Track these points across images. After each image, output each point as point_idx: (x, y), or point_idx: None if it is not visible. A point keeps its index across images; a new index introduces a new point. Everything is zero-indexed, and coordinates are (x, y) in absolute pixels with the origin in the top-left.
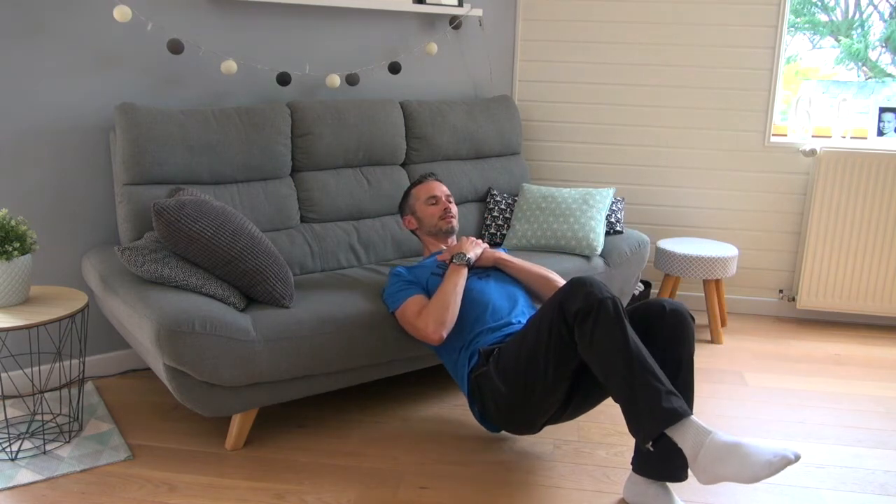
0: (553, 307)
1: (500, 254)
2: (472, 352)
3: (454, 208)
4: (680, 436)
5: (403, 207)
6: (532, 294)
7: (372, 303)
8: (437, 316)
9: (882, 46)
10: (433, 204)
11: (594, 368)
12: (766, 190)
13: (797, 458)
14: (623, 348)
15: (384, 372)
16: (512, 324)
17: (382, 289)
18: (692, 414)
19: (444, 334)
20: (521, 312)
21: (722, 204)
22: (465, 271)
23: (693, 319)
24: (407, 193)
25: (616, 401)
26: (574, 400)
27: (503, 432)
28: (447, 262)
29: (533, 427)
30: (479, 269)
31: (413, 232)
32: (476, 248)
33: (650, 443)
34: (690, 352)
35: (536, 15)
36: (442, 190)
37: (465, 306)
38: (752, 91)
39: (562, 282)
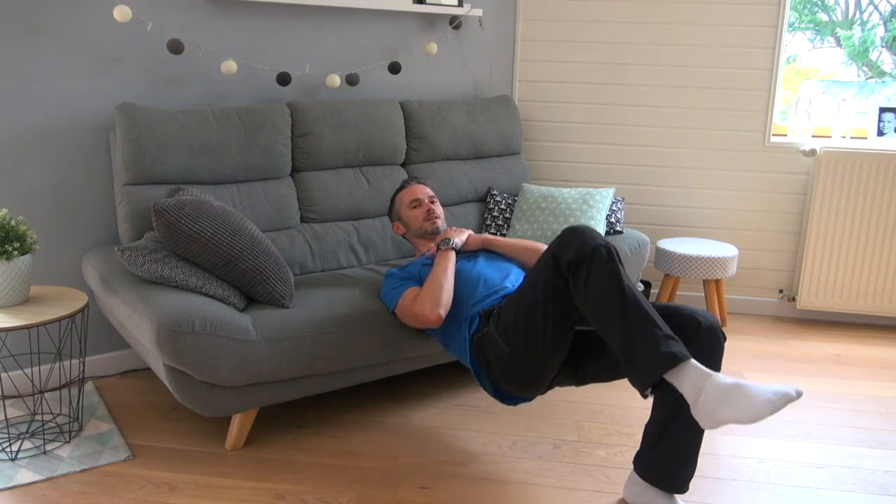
0: (547, 259)
1: (486, 235)
2: (472, 316)
3: (438, 209)
4: (679, 380)
5: (391, 214)
6: (524, 267)
7: (372, 303)
8: (431, 296)
9: (883, 47)
10: (416, 207)
11: (591, 318)
12: (766, 190)
13: (798, 394)
14: (619, 295)
15: (384, 372)
16: (507, 287)
17: (380, 292)
18: (691, 357)
19: (442, 313)
20: (515, 279)
21: (722, 204)
22: (452, 254)
23: (724, 337)
24: (392, 200)
25: (614, 349)
26: (580, 360)
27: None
28: (435, 250)
29: (540, 386)
30: (467, 253)
31: (404, 237)
32: (461, 235)
33: (649, 389)
34: (717, 370)
35: (536, 15)
36: (424, 192)
37: (459, 286)
38: (752, 91)
39: None
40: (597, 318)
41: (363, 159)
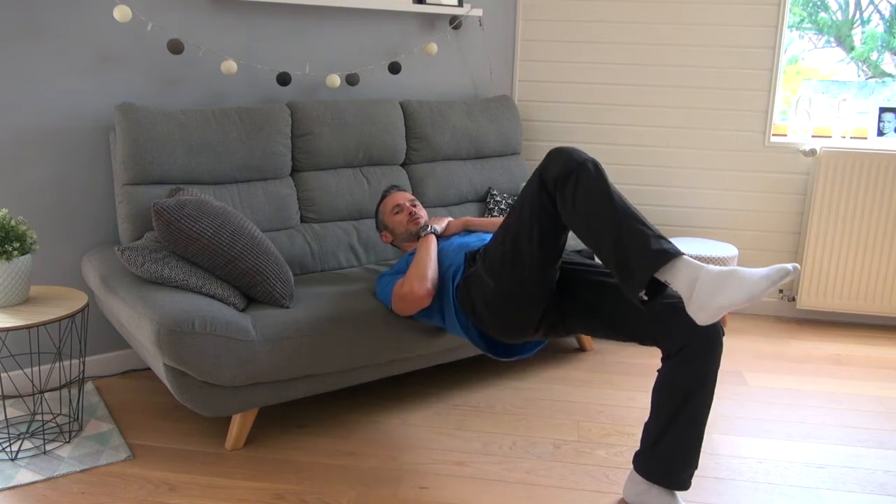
0: (532, 180)
1: (466, 218)
2: (456, 268)
3: (421, 210)
4: (672, 276)
5: (377, 225)
6: None
7: (372, 303)
8: (417, 273)
9: (883, 46)
10: (398, 212)
11: (579, 230)
12: (766, 190)
13: (795, 269)
14: (607, 202)
15: (384, 372)
16: (485, 240)
17: (375, 295)
18: (683, 254)
19: (430, 287)
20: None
21: (722, 204)
22: (432, 238)
23: (722, 332)
24: (376, 212)
25: (605, 262)
26: (569, 300)
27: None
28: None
29: (526, 326)
30: (448, 236)
31: (393, 245)
32: (441, 222)
33: (643, 292)
34: (715, 368)
35: (536, 15)
36: (405, 197)
37: (442, 261)
38: (752, 91)
39: None
40: (586, 229)
41: (363, 159)
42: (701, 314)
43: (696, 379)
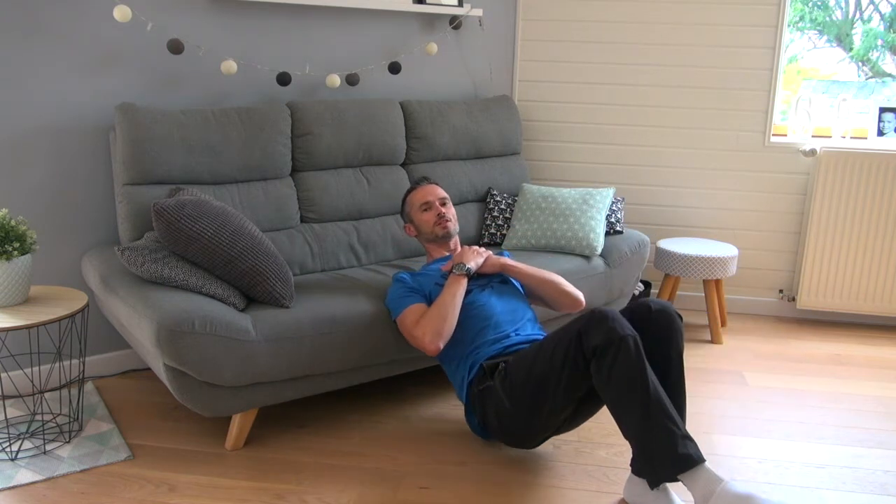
0: (571, 336)
1: (505, 259)
2: (473, 363)
3: (451, 211)
4: (691, 482)
5: (403, 215)
6: (538, 299)
7: (372, 303)
8: (434, 327)
9: (887, 48)
10: (426, 210)
11: (608, 403)
12: (766, 190)
13: None
14: (642, 390)
15: (384, 372)
16: (511, 336)
17: (386, 293)
18: (705, 460)
19: (441, 345)
20: (524, 327)
21: (722, 204)
22: (464, 281)
23: (681, 318)
24: (403, 201)
25: (627, 437)
26: (577, 419)
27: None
28: (449, 269)
29: (532, 442)
30: (482, 278)
31: (416, 238)
32: (477, 258)
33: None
34: (679, 350)
35: (536, 15)
36: (435, 194)
37: (468, 320)
38: (752, 91)
39: (570, 287)
40: (615, 406)
41: (363, 159)
42: None
43: (661, 372)
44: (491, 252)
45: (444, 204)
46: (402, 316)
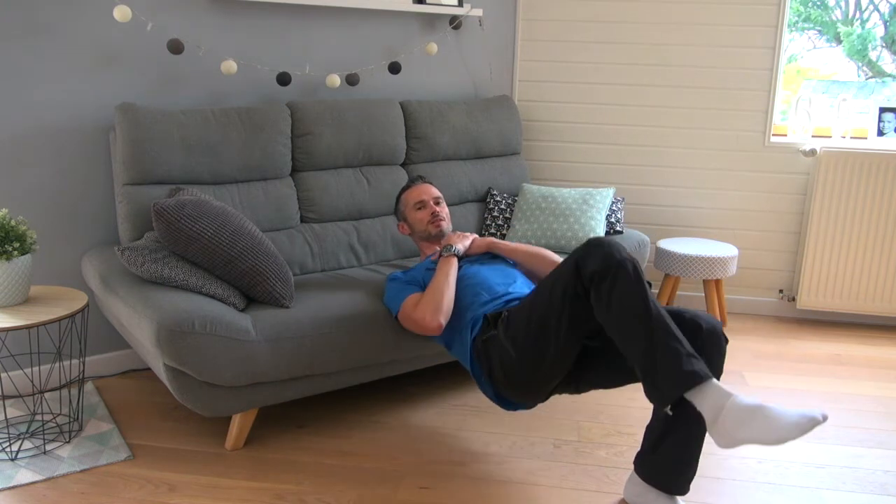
0: (568, 267)
1: (491, 239)
2: (475, 320)
3: (444, 210)
4: (699, 399)
5: (397, 214)
6: (528, 273)
7: (372, 303)
8: (432, 303)
9: (883, 46)
10: (421, 209)
11: (610, 331)
12: (766, 190)
13: (825, 418)
14: (643, 311)
15: (384, 372)
16: (509, 293)
17: (383, 296)
18: (713, 377)
19: (443, 321)
20: (520, 287)
21: (722, 204)
22: (454, 261)
23: (726, 340)
24: (398, 199)
25: (632, 364)
26: (583, 370)
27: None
28: (437, 256)
29: (541, 393)
30: (471, 258)
31: (409, 236)
32: (464, 240)
33: (669, 407)
34: (719, 373)
35: (536, 15)
36: (430, 193)
37: (463, 290)
38: (752, 91)
39: (557, 258)
40: (618, 332)
41: (363, 159)
42: (722, 440)
43: None
44: (477, 234)
45: (438, 203)
46: (402, 308)
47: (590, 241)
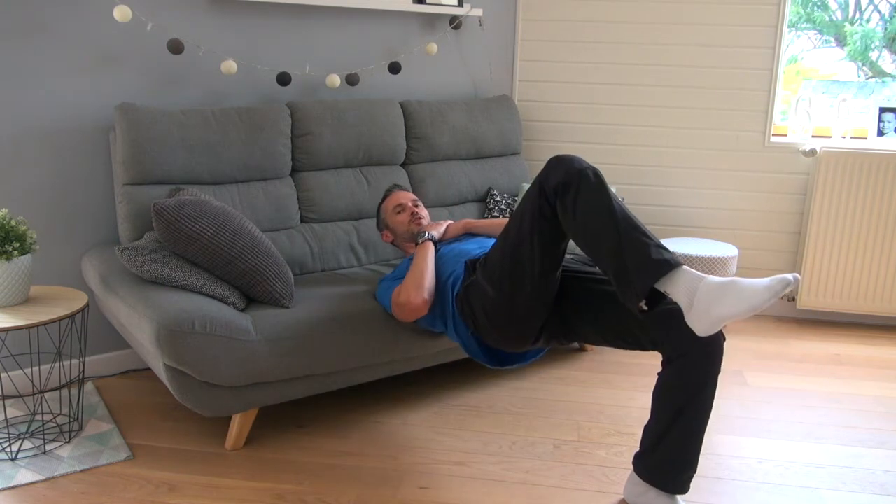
0: (532, 189)
1: (466, 220)
2: (456, 277)
3: (423, 211)
4: (672, 286)
5: (378, 224)
6: None
7: (372, 303)
8: (413, 282)
9: (884, 46)
10: (400, 212)
11: (580, 239)
12: (766, 190)
13: (796, 279)
14: (608, 211)
15: (384, 372)
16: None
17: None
18: (683, 265)
19: (427, 297)
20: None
21: (722, 204)
22: (430, 245)
23: (723, 337)
24: (378, 211)
25: (604, 271)
26: (569, 309)
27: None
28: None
29: (526, 334)
30: (449, 240)
31: (393, 244)
32: (438, 227)
33: (643, 302)
34: (716, 374)
35: (536, 15)
36: (407, 197)
37: (442, 266)
38: (752, 91)
39: None
40: (586, 238)
41: (363, 159)
42: (700, 325)
43: (696, 385)
44: (451, 221)
45: (416, 205)
46: (392, 299)
47: (550, 160)
